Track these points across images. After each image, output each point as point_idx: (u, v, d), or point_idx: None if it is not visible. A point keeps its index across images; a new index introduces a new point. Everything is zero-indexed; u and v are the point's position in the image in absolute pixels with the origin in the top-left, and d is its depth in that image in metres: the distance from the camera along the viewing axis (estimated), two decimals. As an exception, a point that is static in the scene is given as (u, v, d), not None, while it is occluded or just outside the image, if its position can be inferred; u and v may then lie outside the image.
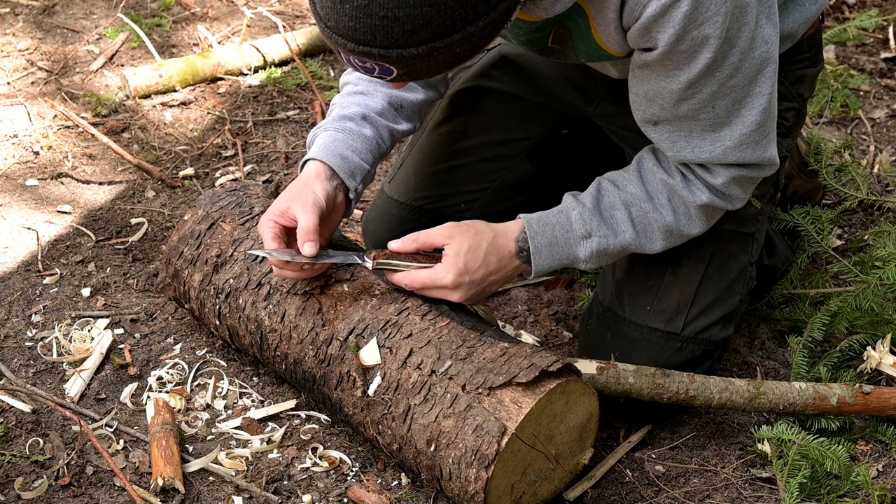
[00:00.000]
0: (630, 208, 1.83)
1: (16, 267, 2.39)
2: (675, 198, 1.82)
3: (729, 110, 1.71)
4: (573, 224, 1.83)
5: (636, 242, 1.85)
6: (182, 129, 2.92)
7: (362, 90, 1.99)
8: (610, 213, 1.84)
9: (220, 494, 1.83)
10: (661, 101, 1.72)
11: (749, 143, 1.75)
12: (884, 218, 2.56)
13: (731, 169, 1.78)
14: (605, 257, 1.86)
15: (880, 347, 2.04)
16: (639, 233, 1.84)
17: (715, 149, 1.75)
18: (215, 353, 2.14)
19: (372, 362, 1.78)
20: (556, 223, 1.84)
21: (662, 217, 1.83)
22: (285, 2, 3.61)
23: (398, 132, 2.00)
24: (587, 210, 1.83)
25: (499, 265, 1.82)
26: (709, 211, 1.85)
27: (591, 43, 1.75)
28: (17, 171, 2.72)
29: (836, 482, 1.84)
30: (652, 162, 1.84)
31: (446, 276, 1.78)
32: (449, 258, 1.79)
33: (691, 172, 1.81)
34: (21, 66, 3.16)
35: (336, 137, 1.91)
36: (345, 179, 1.88)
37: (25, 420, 1.97)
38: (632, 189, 1.84)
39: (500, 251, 1.82)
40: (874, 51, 3.37)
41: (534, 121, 2.26)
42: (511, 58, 2.25)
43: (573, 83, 2.19)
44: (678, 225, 1.84)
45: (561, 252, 1.84)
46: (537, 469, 1.74)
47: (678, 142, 1.77)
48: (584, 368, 1.83)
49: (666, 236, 1.85)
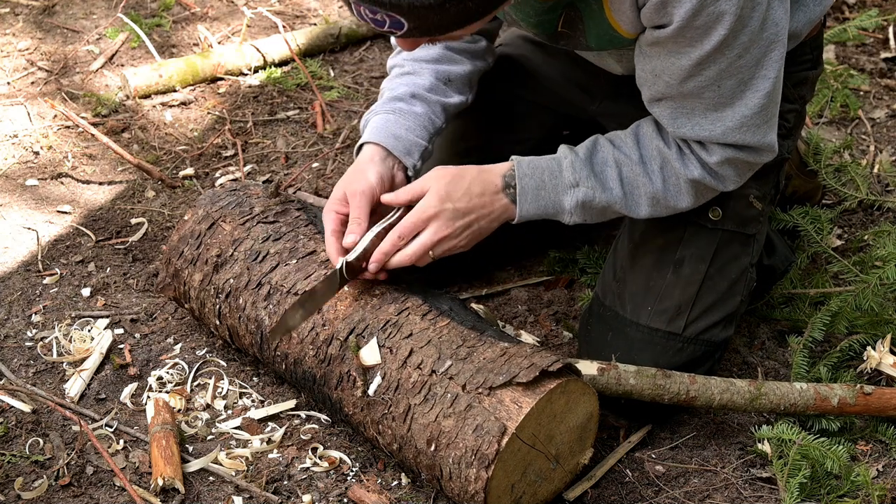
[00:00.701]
0: (621, 167, 1.83)
1: (16, 267, 2.39)
2: (668, 167, 1.83)
3: (734, 90, 1.72)
4: (563, 171, 1.84)
5: (622, 202, 1.85)
6: (182, 129, 2.92)
7: (409, 70, 2.01)
8: (601, 167, 1.84)
9: (220, 494, 1.83)
10: (667, 78, 1.72)
11: (750, 125, 1.75)
12: (884, 218, 2.56)
13: (728, 149, 1.78)
14: (589, 211, 1.86)
15: (880, 347, 2.04)
16: (626, 194, 1.84)
17: (715, 128, 1.75)
18: (215, 353, 2.14)
19: (372, 362, 1.78)
20: (546, 168, 1.84)
21: (652, 183, 1.83)
22: (285, 2, 3.61)
23: (451, 105, 2.03)
24: (579, 160, 1.84)
25: (482, 199, 1.81)
26: (699, 187, 1.85)
27: (603, 24, 1.75)
28: (17, 171, 2.71)
29: (836, 482, 1.84)
30: (651, 128, 1.85)
31: (429, 199, 1.78)
32: (432, 188, 1.79)
33: (688, 147, 1.81)
34: (21, 66, 3.16)
35: (388, 119, 1.94)
36: (401, 158, 1.91)
37: (25, 420, 1.97)
38: (626, 150, 1.84)
39: (485, 183, 1.82)
40: (874, 51, 3.37)
41: (534, 121, 2.26)
42: (513, 58, 2.25)
43: (576, 82, 2.19)
44: (666, 195, 1.84)
45: (547, 198, 1.84)
46: (537, 469, 1.74)
47: (679, 118, 1.77)
48: (584, 369, 1.83)
49: (652, 203, 1.86)
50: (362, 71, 3.24)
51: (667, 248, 1.98)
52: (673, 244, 1.97)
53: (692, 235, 1.97)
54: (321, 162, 2.78)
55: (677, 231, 1.97)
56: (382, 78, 3.16)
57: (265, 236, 1.98)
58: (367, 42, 3.38)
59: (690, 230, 1.97)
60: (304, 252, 1.94)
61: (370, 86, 3.16)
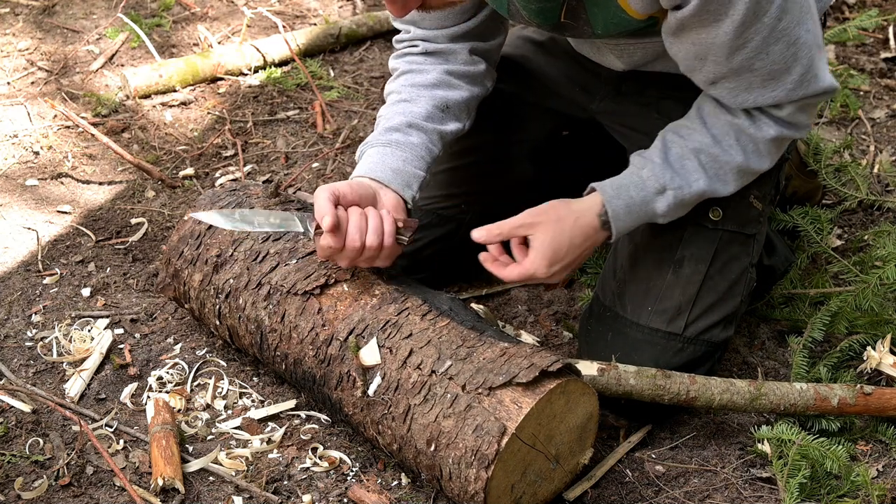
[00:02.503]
0: (699, 155, 1.84)
1: (16, 267, 2.39)
2: (743, 137, 1.83)
3: (784, 54, 1.71)
4: (646, 182, 1.85)
5: (710, 187, 1.87)
6: (182, 129, 2.92)
7: (406, 97, 2.00)
8: (680, 163, 1.85)
9: (220, 494, 1.83)
10: (713, 57, 1.72)
11: (808, 79, 1.76)
12: (884, 218, 2.56)
13: (796, 102, 1.79)
14: (682, 208, 1.89)
15: (880, 347, 2.04)
16: (711, 178, 1.85)
17: (778, 93, 1.76)
18: (215, 353, 2.14)
19: (372, 362, 1.78)
20: (630, 184, 1.86)
21: (732, 158, 1.84)
22: (285, 2, 3.61)
23: (448, 133, 2.01)
24: (657, 165, 1.85)
25: (584, 243, 1.86)
26: (778, 143, 1.86)
27: (611, 7, 1.74)
28: (17, 171, 2.71)
29: (836, 482, 1.84)
30: (713, 105, 1.85)
31: (538, 270, 1.82)
32: (536, 252, 1.82)
33: (756, 110, 1.82)
34: (21, 66, 3.16)
35: (384, 152, 1.92)
36: (399, 191, 1.89)
37: (25, 420, 1.97)
38: (697, 137, 1.85)
39: (585, 230, 1.85)
40: (874, 51, 3.37)
41: (535, 123, 2.26)
42: (512, 59, 2.25)
43: (576, 81, 2.19)
44: (748, 163, 1.85)
45: (638, 211, 1.86)
46: (537, 469, 1.74)
47: (740, 95, 1.78)
48: (584, 369, 1.84)
49: (738, 176, 1.87)
50: (362, 71, 3.24)
51: (667, 249, 1.98)
52: (673, 244, 1.97)
53: (692, 236, 1.97)
54: (321, 162, 2.78)
55: (677, 231, 1.97)
56: (382, 78, 3.17)
57: (265, 236, 1.98)
58: (367, 42, 3.39)
59: (690, 230, 1.97)
60: (303, 252, 1.94)
61: (370, 86, 3.16)
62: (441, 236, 2.23)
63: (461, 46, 2.04)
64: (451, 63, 2.03)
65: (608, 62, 2.04)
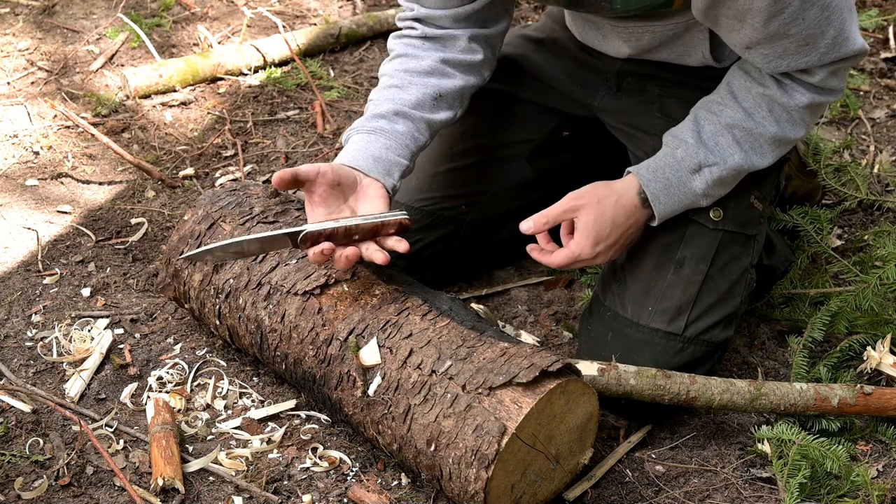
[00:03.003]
0: (733, 131, 1.86)
1: (16, 267, 2.39)
2: (776, 107, 1.84)
3: (818, 18, 1.72)
4: (681, 162, 1.86)
5: (747, 161, 1.88)
6: (182, 129, 2.92)
7: (397, 83, 1.99)
8: (714, 140, 1.86)
9: (220, 494, 1.83)
10: (751, 21, 1.72)
11: (839, 42, 1.76)
12: (884, 218, 2.56)
13: (828, 66, 1.80)
14: (721, 185, 1.90)
15: (880, 347, 2.04)
16: (747, 152, 1.87)
17: (811, 58, 1.77)
18: (215, 353, 2.14)
19: (372, 362, 1.78)
20: (666, 166, 1.87)
21: (766, 130, 1.85)
22: (285, 2, 3.61)
23: (437, 122, 2.00)
24: (691, 145, 1.86)
25: (627, 222, 1.89)
26: (812, 110, 1.87)
27: None
28: (17, 171, 2.71)
29: (836, 482, 1.84)
30: (743, 78, 1.86)
31: (583, 251, 1.87)
32: (580, 233, 1.86)
33: (787, 77, 1.83)
34: (21, 66, 3.16)
35: (367, 139, 1.92)
36: (380, 178, 1.88)
37: (25, 420, 1.97)
38: (729, 112, 1.86)
39: (627, 209, 1.88)
40: (874, 51, 3.37)
41: (534, 123, 2.26)
42: (511, 58, 2.25)
43: (576, 79, 2.19)
44: (784, 133, 1.86)
45: (678, 192, 1.88)
46: (537, 469, 1.74)
47: (773, 60, 1.78)
48: (584, 370, 1.84)
49: (774, 147, 1.88)
50: (362, 71, 3.24)
51: (667, 249, 1.98)
52: (673, 244, 1.97)
53: (693, 236, 1.97)
54: (321, 162, 2.78)
55: (678, 231, 1.97)
56: (382, 78, 3.16)
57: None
58: (367, 42, 3.39)
59: (691, 230, 1.97)
60: (303, 252, 1.94)
61: (370, 86, 3.16)
62: (441, 237, 2.23)
63: (462, 32, 2.02)
64: (449, 51, 2.02)
65: (613, 49, 2.03)
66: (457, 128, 2.21)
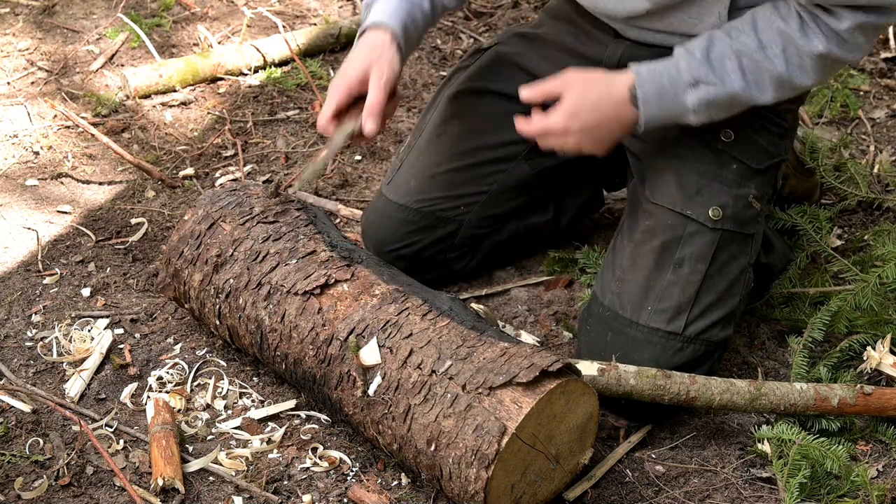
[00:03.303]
0: (741, 57, 1.83)
1: (16, 267, 2.39)
2: (790, 47, 1.82)
3: None
4: (681, 72, 1.84)
5: (745, 92, 1.85)
6: (182, 129, 2.92)
7: None
8: (720, 62, 1.83)
9: (220, 494, 1.83)
10: None
11: None
12: (884, 217, 2.56)
13: (859, 14, 1.77)
14: (714, 108, 1.87)
15: (880, 347, 2.04)
16: (748, 83, 1.84)
17: None
18: (215, 353, 2.14)
19: (372, 362, 1.78)
20: (664, 72, 1.85)
21: (774, 67, 1.83)
22: (285, 2, 3.61)
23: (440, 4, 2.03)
24: (696, 59, 1.84)
25: (609, 112, 1.86)
26: (825, 62, 1.83)
27: None
28: (17, 171, 2.71)
29: (836, 482, 1.84)
30: (769, 10, 1.83)
31: (556, 124, 1.85)
32: (560, 106, 1.85)
33: (812, 19, 1.80)
34: (21, 66, 3.16)
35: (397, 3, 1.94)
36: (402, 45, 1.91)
37: (25, 420, 1.97)
38: (744, 39, 1.83)
39: (613, 98, 1.85)
40: (874, 51, 3.37)
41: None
42: (507, 57, 2.25)
43: None
44: (790, 75, 1.84)
45: (669, 101, 1.85)
46: (537, 469, 1.74)
47: None
48: (584, 370, 1.84)
49: (777, 87, 1.85)
50: (362, 71, 3.24)
51: (666, 248, 1.98)
52: (672, 244, 1.97)
53: (692, 235, 1.97)
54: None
55: (677, 231, 1.97)
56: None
57: (265, 236, 1.98)
58: (367, 42, 3.38)
59: (690, 230, 1.97)
60: (304, 252, 1.94)
61: (370, 86, 3.15)
62: (441, 237, 2.23)
63: None
64: None
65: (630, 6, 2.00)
66: (455, 128, 2.21)
